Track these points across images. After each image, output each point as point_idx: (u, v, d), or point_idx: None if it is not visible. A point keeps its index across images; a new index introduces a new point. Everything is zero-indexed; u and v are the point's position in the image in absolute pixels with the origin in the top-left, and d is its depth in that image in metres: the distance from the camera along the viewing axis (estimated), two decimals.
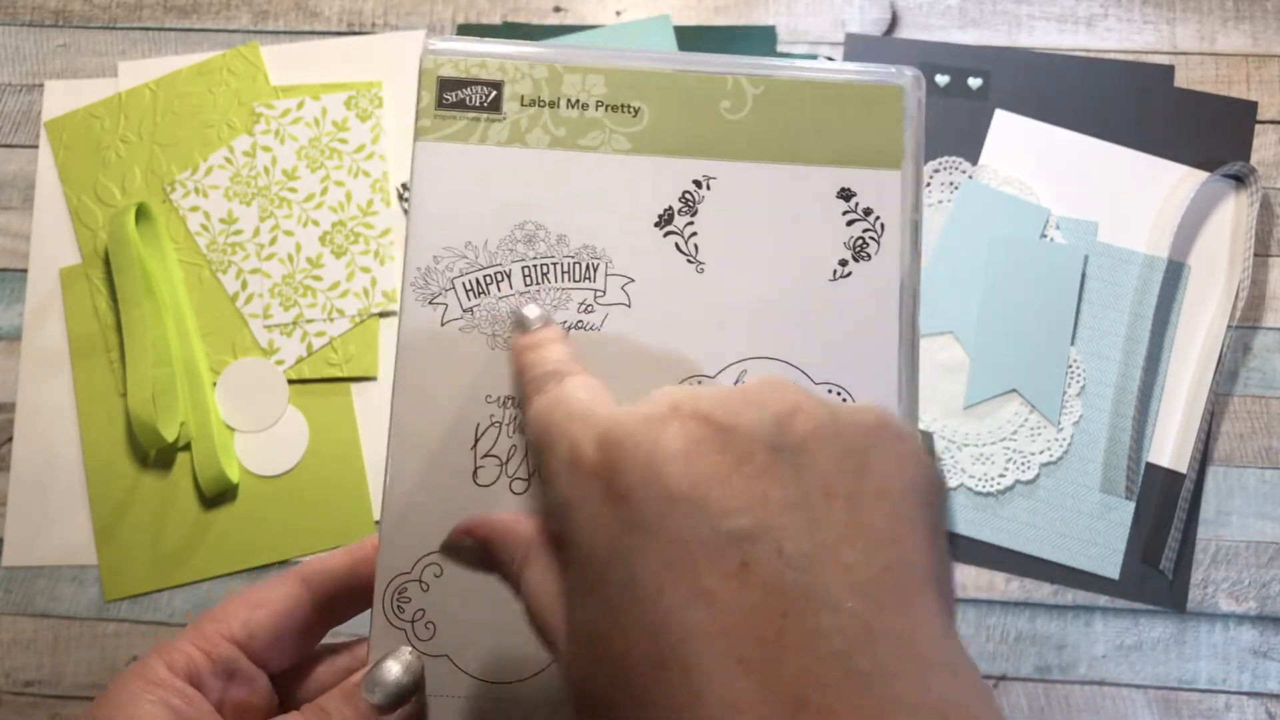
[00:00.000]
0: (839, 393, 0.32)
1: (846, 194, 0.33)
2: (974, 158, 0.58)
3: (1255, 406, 0.56)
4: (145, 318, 0.56)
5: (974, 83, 0.59)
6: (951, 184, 0.58)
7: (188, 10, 0.62)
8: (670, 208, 0.33)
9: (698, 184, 0.33)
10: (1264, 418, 0.56)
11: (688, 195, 0.33)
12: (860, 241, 0.33)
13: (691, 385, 0.26)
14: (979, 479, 0.55)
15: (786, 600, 0.20)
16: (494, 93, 0.33)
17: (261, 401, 0.57)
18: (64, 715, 0.55)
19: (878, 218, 0.33)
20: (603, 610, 0.22)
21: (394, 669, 0.29)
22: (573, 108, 0.33)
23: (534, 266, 0.32)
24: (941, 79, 0.59)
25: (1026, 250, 0.57)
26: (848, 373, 0.32)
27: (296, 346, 0.57)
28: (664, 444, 0.22)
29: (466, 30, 0.60)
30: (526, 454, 0.31)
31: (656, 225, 0.33)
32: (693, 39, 0.61)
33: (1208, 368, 0.56)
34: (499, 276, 0.32)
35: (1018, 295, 0.56)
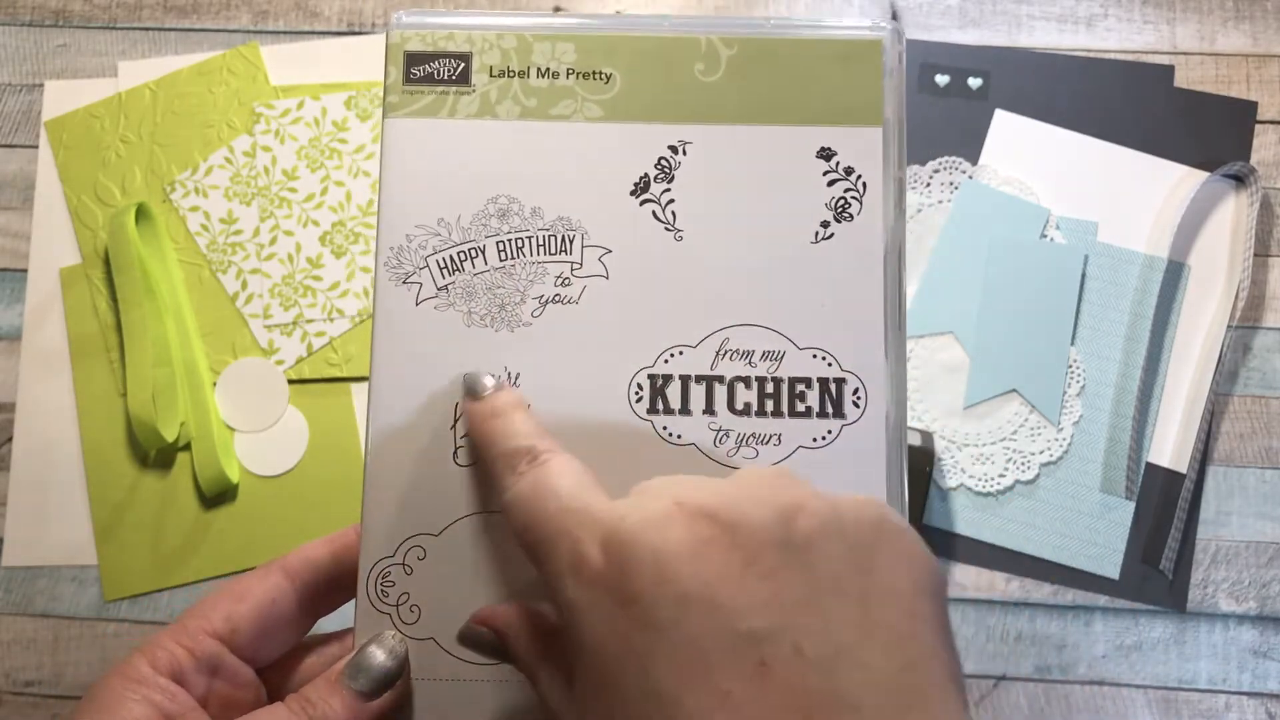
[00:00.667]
0: (824, 357, 0.31)
1: (827, 153, 0.32)
2: (974, 158, 0.58)
3: (1255, 406, 0.56)
4: (145, 318, 0.56)
5: (974, 83, 0.59)
6: (951, 184, 0.58)
7: (188, 10, 0.62)
8: (646, 175, 0.32)
9: (673, 149, 0.32)
10: (1264, 418, 0.56)
11: (664, 162, 0.32)
12: (842, 201, 0.32)
13: (688, 477, 0.25)
14: (979, 479, 0.55)
15: (809, 701, 0.20)
16: (462, 65, 0.32)
17: (261, 401, 0.57)
18: (64, 715, 0.55)
19: (859, 176, 0.32)
20: (620, 713, 0.22)
21: (377, 654, 0.29)
22: (543, 77, 0.32)
23: (508, 241, 0.32)
24: (941, 79, 0.59)
25: (1026, 250, 0.57)
26: (832, 336, 0.31)
27: (296, 346, 0.57)
28: (672, 544, 0.22)
29: None
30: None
31: (633, 194, 0.32)
32: None
33: (1208, 368, 0.56)
34: (473, 253, 0.32)
35: (1018, 295, 0.56)
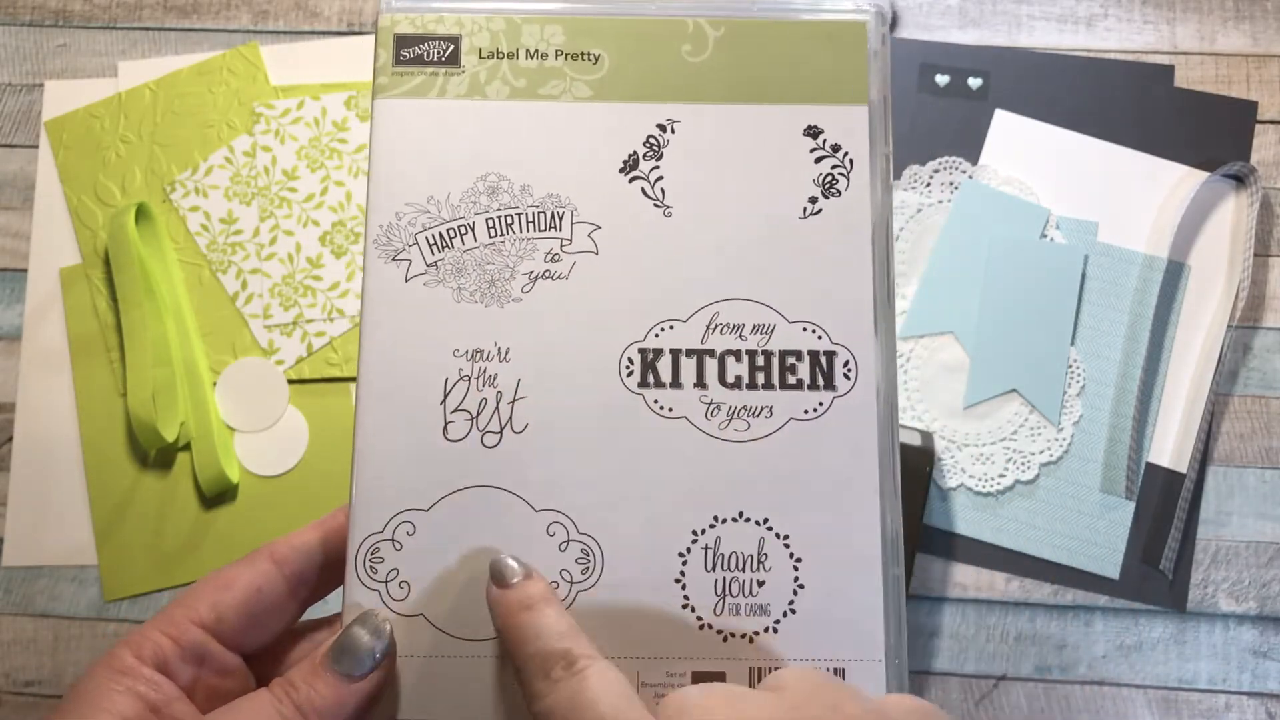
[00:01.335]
0: (814, 330, 0.32)
1: (814, 131, 0.33)
2: (974, 158, 0.58)
3: (1255, 406, 0.56)
4: (145, 318, 0.56)
5: (974, 83, 0.59)
6: (951, 184, 0.58)
7: (188, 10, 0.62)
8: (635, 153, 0.32)
9: (662, 128, 0.32)
10: (1264, 418, 0.56)
11: (652, 140, 0.32)
12: (829, 178, 0.32)
13: (727, 691, 0.25)
14: (979, 479, 0.55)
15: None
16: (451, 47, 0.33)
17: (261, 401, 0.57)
18: (48, 708, 0.55)
19: (846, 153, 0.32)
20: None
21: (362, 635, 0.29)
22: (532, 58, 0.33)
23: (498, 218, 0.32)
24: (941, 79, 0.59)
25: (1026, 250, 0.57)
26: (823, 310, 0.32)
27: (296, 346, 0.57)
28: None
29: None
30: (497, 407, 0.31)
31: (621, 171, 0.32)
32: None
33: (1208, 368, 0.56)
34: (462, 230, 0.32)
35: (1018, 295, 0.56)
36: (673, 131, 0.32)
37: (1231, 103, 0.59)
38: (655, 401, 0.31)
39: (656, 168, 0.32)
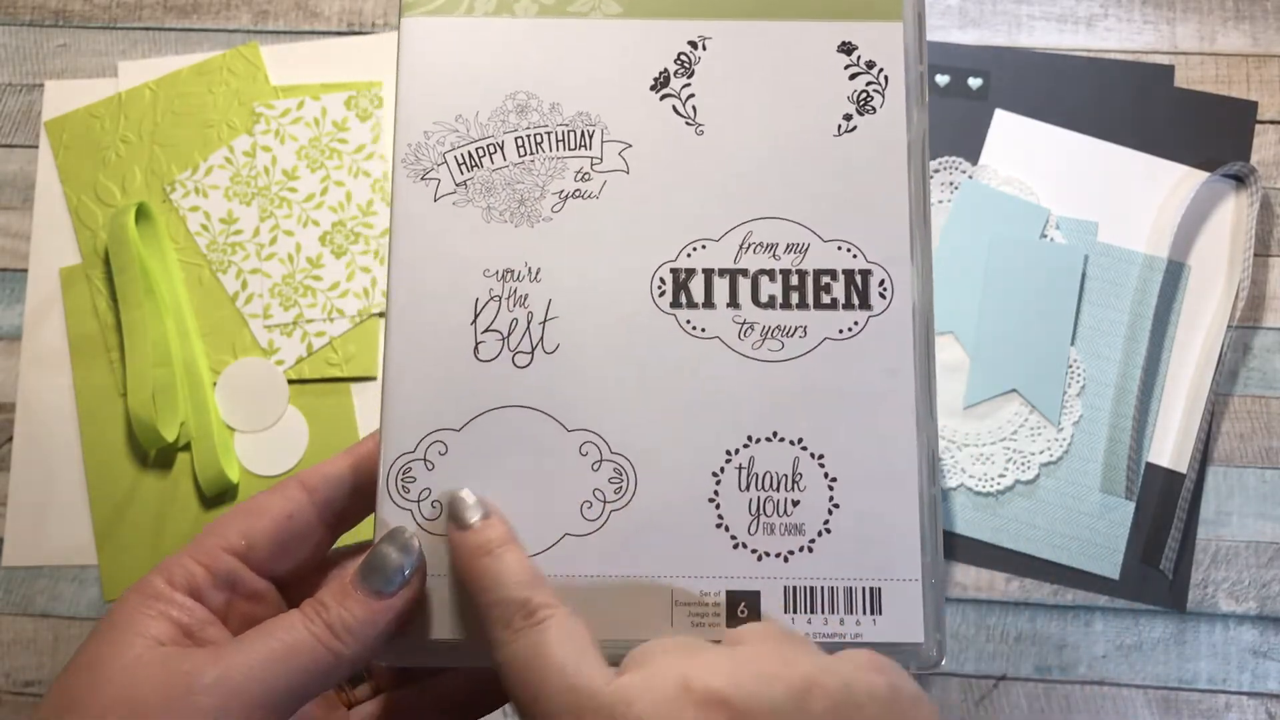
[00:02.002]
0: (849, 249, 0.31)
1: (847, 47, 0.32)
2: (974, 158, 0.58)
3: (1255, 406, 0.56)
4: (145, 318, 0.56)
5: (974, 83, 0.59)
6: (951, 184, 0.58)
7: (188, 10, 0.62)
8: (666, 70, 0.32)
9: (693, 45, 0.32)
10: (1264, 418, 0.56)
11: (683, 57, 0.32)
12: (864, 95, 0.32)
13: (688, 644, 0.25)
14: (979, 479, 0.55)
15: None
16: None
17: (261, 401, 0.57)
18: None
19: (881, 70, 0.32)
20: None
21: (390, 552, 0.29)
22: None
23: (527, 136, 0.32)
24: (941, 79, 0.59)
25: (1026, 250, 0.57)
26: (857, 229, 0.31)
27: (296, 346, 0.57)
28: None
29: None
30: (528, 327, 0.31)
31: (652, 89, 0.32)
32: None
33: (1208, 368, 0.56)
34: (491, 149, 0.32)
35: (1018, 295, 0.56)
36: (704, 48, 0.32)
37: (1231, 103, 0.59)
38: (688, 322, 0.31)
39: (688, 85, 0.32)
